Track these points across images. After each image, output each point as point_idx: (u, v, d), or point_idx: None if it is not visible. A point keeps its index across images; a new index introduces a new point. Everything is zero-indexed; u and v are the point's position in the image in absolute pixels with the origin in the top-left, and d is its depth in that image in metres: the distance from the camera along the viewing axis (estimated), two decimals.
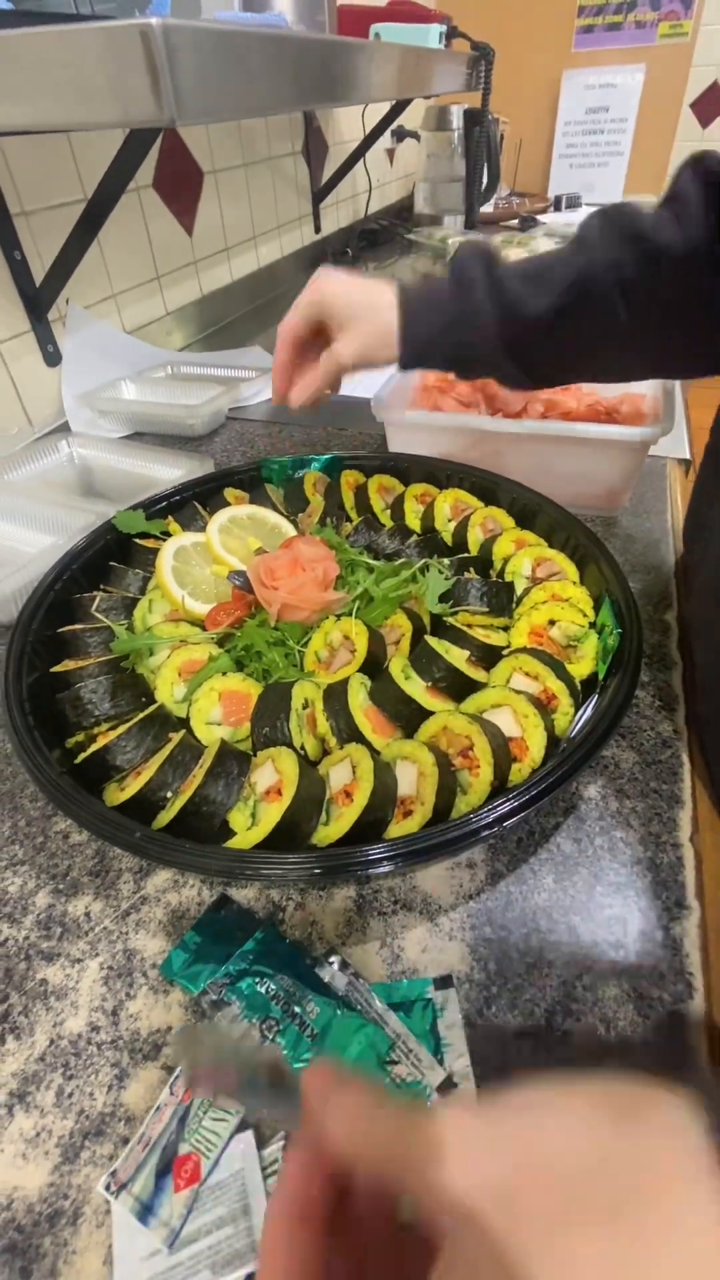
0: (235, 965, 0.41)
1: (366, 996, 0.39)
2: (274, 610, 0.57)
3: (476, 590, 0.60)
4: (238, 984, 0.40)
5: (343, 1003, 0.39)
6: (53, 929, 0.44)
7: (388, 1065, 0.36)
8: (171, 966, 0.41)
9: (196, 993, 0.40)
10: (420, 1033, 0.38)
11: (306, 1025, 0.37)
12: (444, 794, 0.44)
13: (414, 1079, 0.35)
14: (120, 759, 0.49)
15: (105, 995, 0.41)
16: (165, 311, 1.34)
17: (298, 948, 0.42)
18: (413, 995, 0.39)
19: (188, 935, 0.43)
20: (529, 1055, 0.37)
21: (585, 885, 0.44)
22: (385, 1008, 0.38)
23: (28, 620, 0.58)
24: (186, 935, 0.43)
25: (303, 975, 0.40)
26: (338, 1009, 0.38)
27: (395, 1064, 0.36)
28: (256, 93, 0.73)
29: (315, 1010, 0.38)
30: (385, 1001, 0.39)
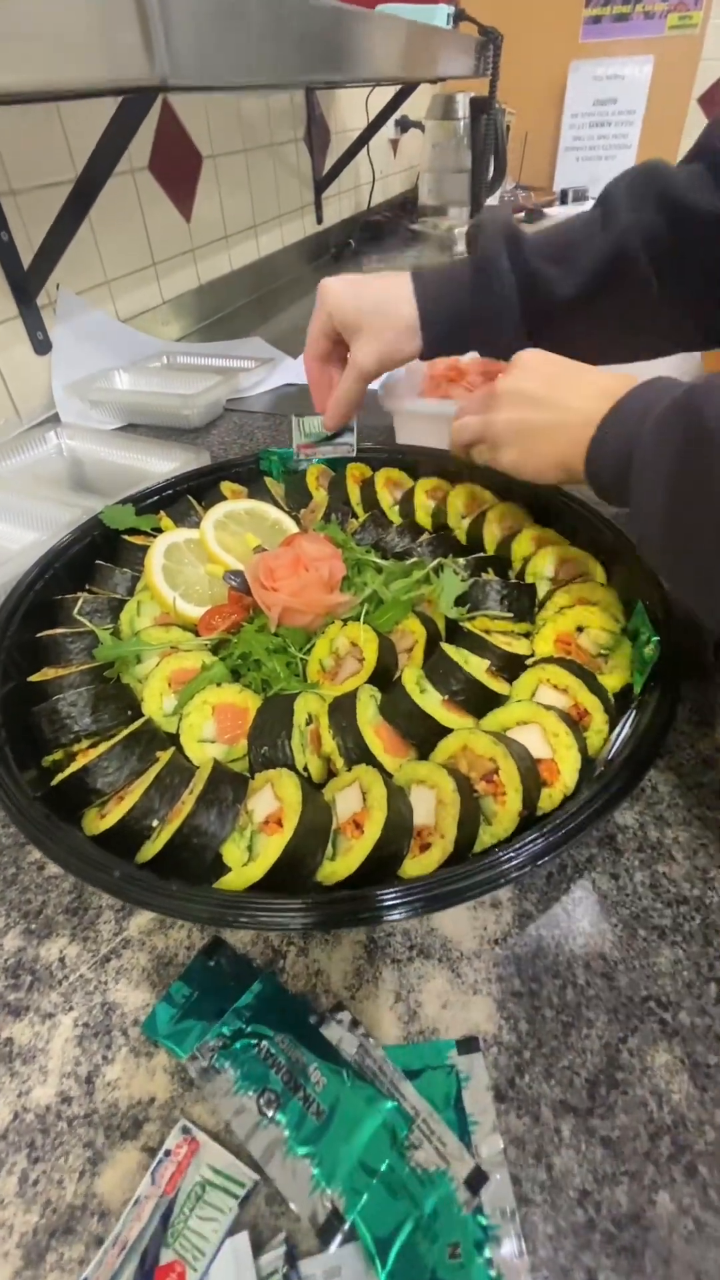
0: (229, 1024, 0.35)
1: (380, 1062, 0.34)
2: (274, 614, 0.52)
3: (496, 593, 0.55)
4: (231, 1046, 0.34)
5: (352, 1070, 0.33)
6: (21, 977, 0.39)
7: (406, 1150, 0.31)
8: (156, 1024, 0.36)
9: (184, 1057, 0.35)
10: (442, 1107, 0.32)
11: (311, 1100, 0.32)
12: (466, 825, 0.38)
13: (437, 1168, 0.30)
14: (101, 781, 0.43)
15: (79, 1059, 0.35)
16: (161, 300, 1.29)
17: (300, 1002, 0.36)
18: (433, 1061, 0.34)
19: (174, 987, 0.37)
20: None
21: (626, 929, 0.39)
22: (401, 1076, 0.33)
23: (4, 624, 0.53)
24: (173, 987, 0.37)
25: (306, 1036, 0.35)
26: (347, 1078, 0.33)
27: (415, 1148, 0.31)
28: (256, 58, 0.68)
29: (322, 1081, 0.33)
30: (401, 1068, 0.34)
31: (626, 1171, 0.31)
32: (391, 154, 2.25)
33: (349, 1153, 0.31)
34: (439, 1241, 0.28)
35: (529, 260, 0.57)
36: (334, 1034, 0.35)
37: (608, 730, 0.44)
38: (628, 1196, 0.30)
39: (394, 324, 0.59)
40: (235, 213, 1.48)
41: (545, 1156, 0.31)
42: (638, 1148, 0.31)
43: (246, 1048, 0.34)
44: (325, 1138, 0.31)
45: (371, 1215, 0.29)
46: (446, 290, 0.59)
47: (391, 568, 0.59)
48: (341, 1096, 0.32)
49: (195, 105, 1.27)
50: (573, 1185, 0.31)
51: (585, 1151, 0.31)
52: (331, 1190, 0.30)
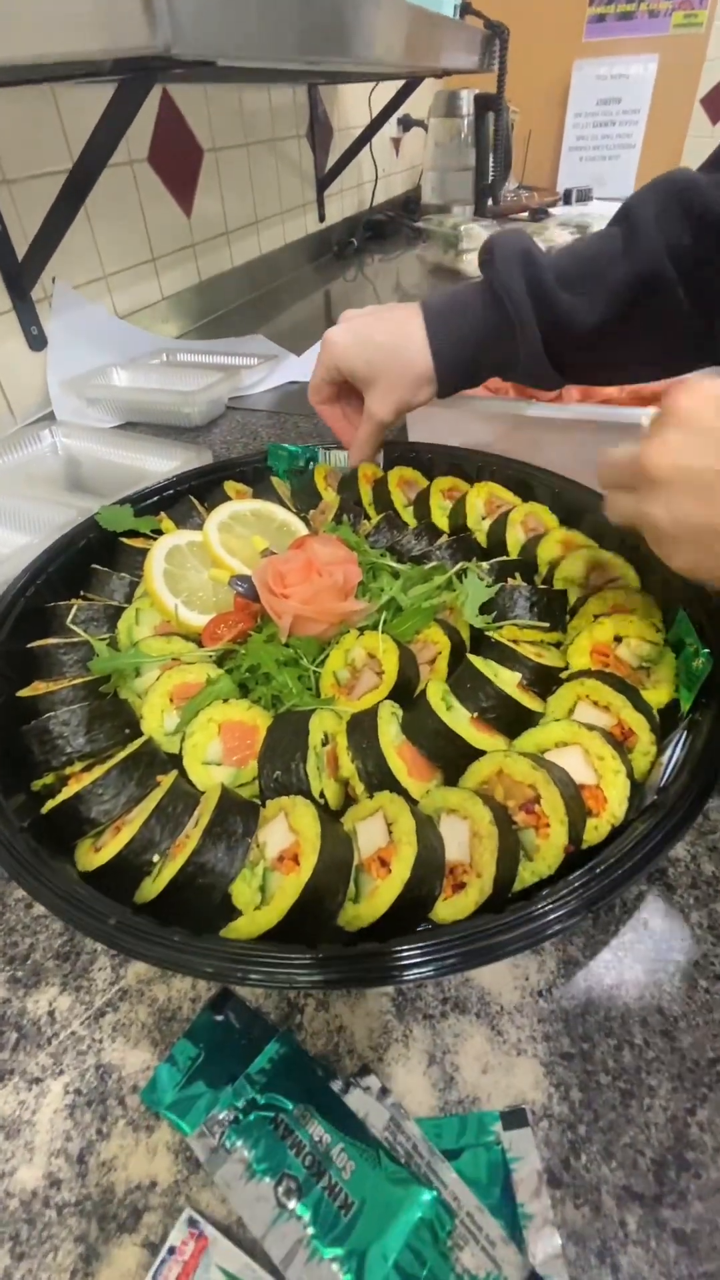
0: (241, 1094, 0.31)
1: (414, 1140, 0.29)
2: (285, 623, 0.48)
3: (525, 599, 0.51)
4: (244, 1120, 0.30)
5: (384, 1150, 0.29)
6: (6, 1034, 0.34)
7: (449, 1250, 0.26)
8: (157, 1091, 0.32)
9: (190, 1133, 0.30)
10: (488, 1195, 0.28)
11: (338, 1190, 0.28)
12: (506, 862, 0.34)
13: (488, 1273, 0.26)
14: (96, 809, 0.39)
15: (70, 1133, 0.31)
16: (161, 296, 1.25)
17: (322, 1066, 0.32)
18: (475, 1137, 0.30)
19: (178, 1046, 0.33)
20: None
21: (684, 979, 0.35)
22: (440, 1157, 0.29)
23: None
24: (176, 1046, 0.33)
25: (330, 1108, 0.30)
26: (379, 1160, 0.29)
27: (459, 1248, 0.27)
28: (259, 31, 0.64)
29: (349, 1166, 0.28)
30: (439, 1147, 0.29)
31: (705, 1274, 0.27)
32: (394, 153, 2.22)
33: (383, 1254, 0.26)
34: None
35: (548, 289, 0.52)
36: (360, 1104, 0.31)
37: (655, 752, 0.40)
38: None
39: (408, 373, 0.56)
40: (236, 209, 1.44)
41: (610, 1255, 0.27)
42: (716, 1243, 0.27)
43: (261, 1122, 0.30)
44: (355, 1235, 0.27)
45: None
46: (462, 328, 0.55)
47: (410, 572, 0.54)
48: (372, 1185, 0.28)
49: (196, 97, 1.23)
50: None
51: (656, 1249, 0.27)
52: None
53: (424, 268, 1.70)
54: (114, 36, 0.53)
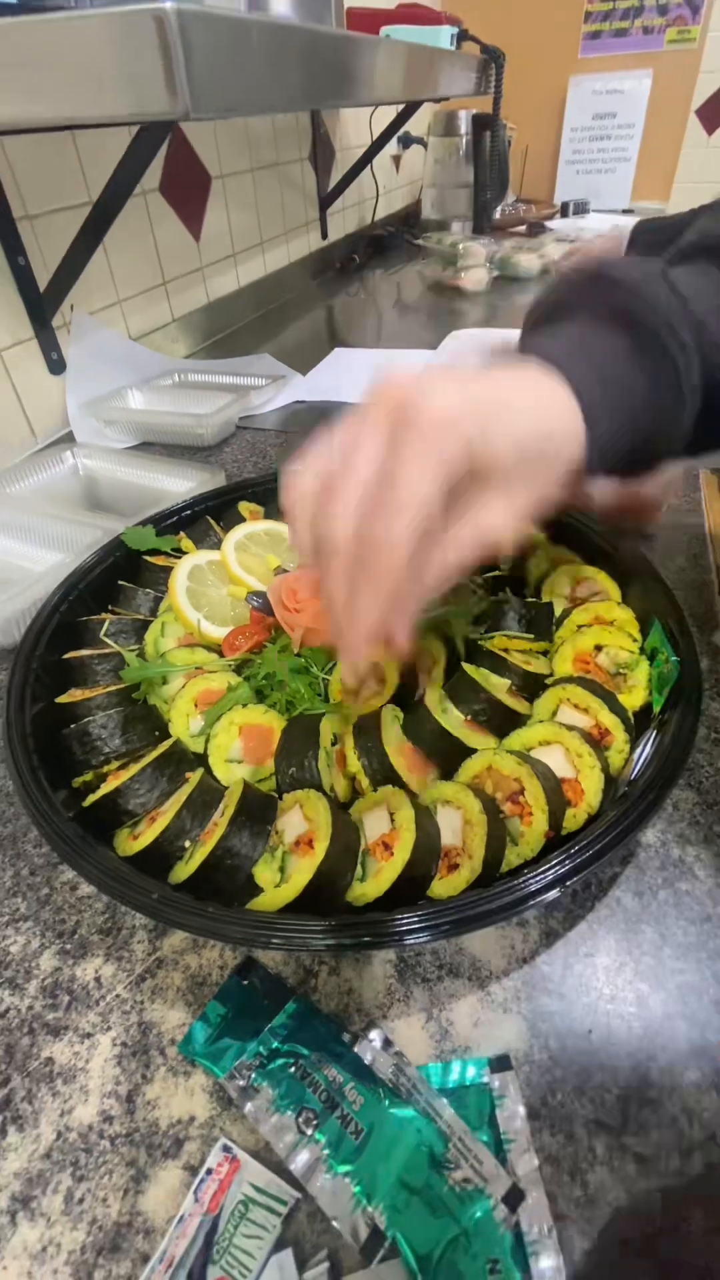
0: (264, 1044, 0.36)
1: (414, 1081, 0.34)
2: (297, 636, 0.53)
3: (514, 613, 0.56)
4: (268, 1065, 0.35)
5: (388, 1089, 0.34)
6: (59, 997, 0.40)
7: (444, 1168, 0.31)
8: (192, 1043, 0.37)
9: (222, 1076, 0.35)
10: (477, 1125, 0.33)
11: (349, 1119, 0.33)
12: (494, 846, 0.39)
13: (475, 1186, 0.31)
14: (133, 802, 0.44)
15: (119, 1078, 0.36)
16: (171, 318, 1.30)
17: (334, 1022, 0.37)
18: (466, 1079, 0.35)
19: (210, 1006, 0.38)
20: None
21: (652, 947, 0.40)
22: (436, 1095, 0.34)
23: (31, 646, 0.54)
24: (209, 1006, 0.38)
25: (341, 1055, 0.35)
26: (383, 1096, 0.34)
27: (453, 1167, 0.32)
28: (270, 86, 0.70)
29: (359, 1100, 0.33)
30: (436, 1086, 0.34)
31: (660, 1187, 0.31)
32: (394, 170, 2.28)
33: (388, 1171, 0.31)
34: (479, 1258, 0.29)
35: (714, 330, 0.37)
36: (367, 1053, 0.36)
37: (629, 750, 0.45)
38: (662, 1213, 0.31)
39: (561, 456, 0.35)
40: (242, 231, 1.50)
41: (580, 1173, 0.32)
42: (670, 1164, 0.32)
43: (283, 1067, 0.35)
44: (364, 1156, 0.32)
45: (412, 1232, 0.30)
46: (622, 382, 0.37)
47: None
48: (379, 1115, 0.33)
49: (204, 128, 1.29)
50: (607, 1201, 0.31)
51: (619, 1168, 0.32)
52: (372, 1208, 0.30)
53: (424, 283, 1.75)
54: (138, 102, 0.58)
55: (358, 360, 1.28)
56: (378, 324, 1.57)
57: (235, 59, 0.63)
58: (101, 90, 0.58)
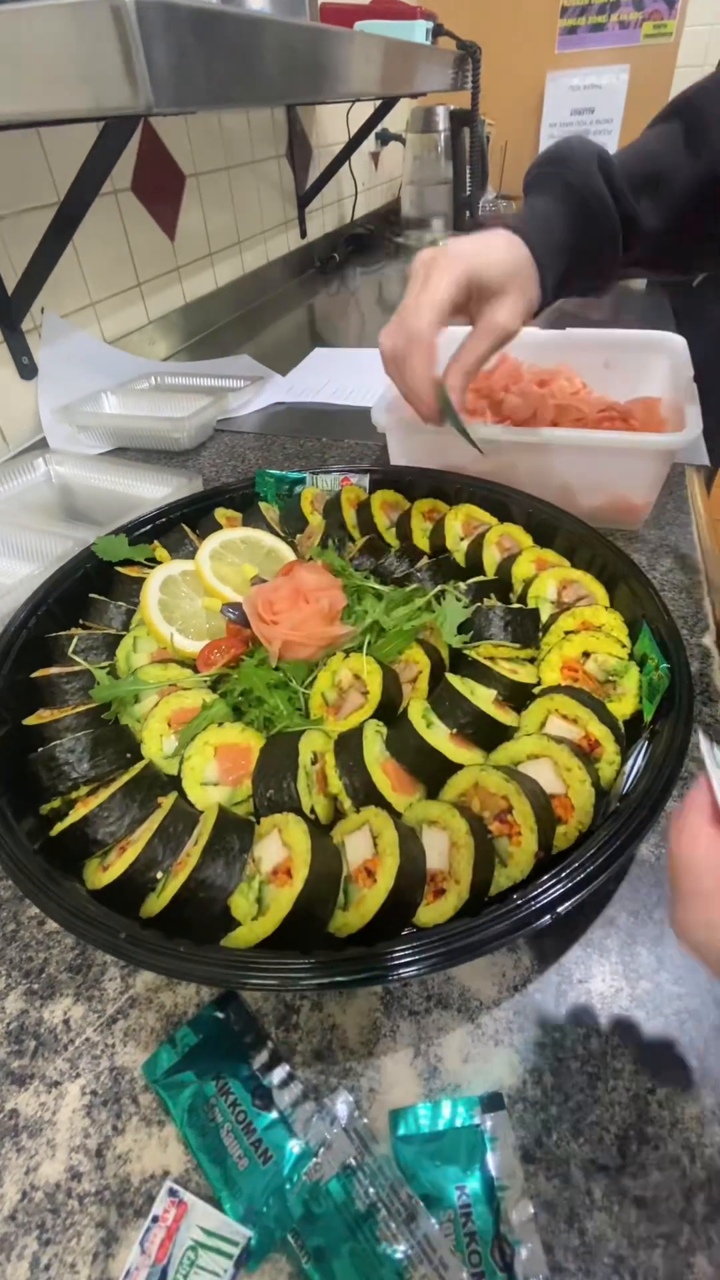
0: (223, 1094, 0.34)
1: (389, 1188, 0.31)
2: (275, 648, 0.51)
3: (499, 619, 0.54)
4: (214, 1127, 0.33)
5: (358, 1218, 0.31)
6: (25, 1042, 0.37)
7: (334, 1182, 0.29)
8: (156, 1066, 0.35)
9: (175, 1113, 0.33)
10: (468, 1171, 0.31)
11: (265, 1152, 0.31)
12: (482, 869, 0.37)
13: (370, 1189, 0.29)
14: (102, 831, 0.42)
15: (88, 1130, 0.34)
16: (147, 320, 1.28)
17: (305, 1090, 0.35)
18: (456, 1120, 0.33)
19: (181, 1031, 0.36)
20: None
21: (648, 970, 0.38)
22: (410, 1204, 0.31)
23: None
24: (180, 1031, 0.36)
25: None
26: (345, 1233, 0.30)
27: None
28: (238, 80, 0.67)
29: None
30: (424, 1131, 0.33)
31: (662, 1234, 0.30)
32: (373, 167, 2.26)
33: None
34: None
35: (621, 190, 0.55)
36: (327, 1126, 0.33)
37: (620, 761, 0.44)
38: (664, 1260, 0.29)
39: (530, 282, 0.56)
40: (219, 230, 1.47)
41: (578, 1220, 0.30)
42: (672, 1207, 0.30)
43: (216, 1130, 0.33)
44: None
45: None
46: (554, 236, 0.56)
47: (392, 595, 0.58)
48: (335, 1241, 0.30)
49: (177, 125, 1.27)
50: (607, 1251, 0.29)
51: (619, 1214, 0.30)
52: None
53: (405, 282, 1.73)
54: (98, 97, 0.56)
55: (338, 361, 1.26)
56: (359, 323, 1.55)
57: (200, 51, 0.61)
58: (59, 85, 0.56)
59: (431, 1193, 0.31)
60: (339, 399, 1.09)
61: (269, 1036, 0.36)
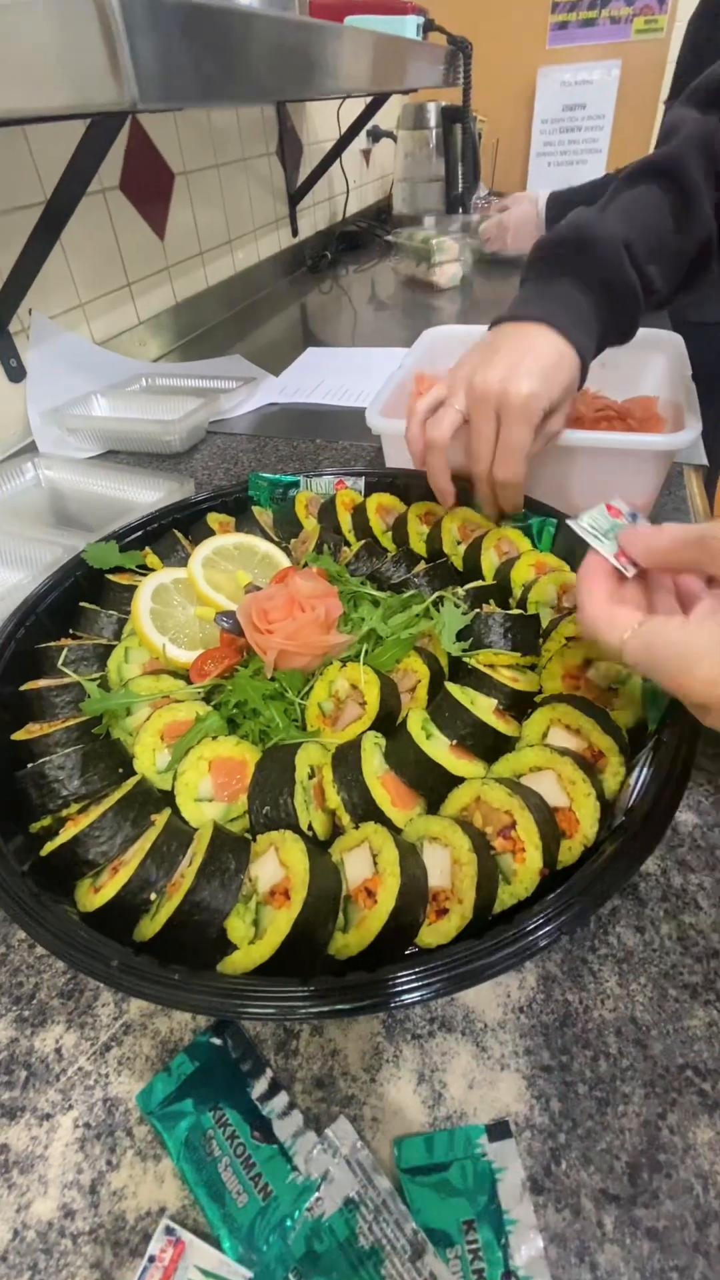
0: (220, 1125, 0.33)
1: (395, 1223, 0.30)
2: (270, 658, 0.50)
3: (499, 625, 0.53)
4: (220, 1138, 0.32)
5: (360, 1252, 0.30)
6: (15, 1073, 0.36)
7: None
8: (150, 1097, 0.34)
9: (171, 1145, 0.32)
10: (474, 1203, 0.30)
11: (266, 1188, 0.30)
12: (485, 887, 0.36)
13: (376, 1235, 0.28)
14: (94, 851, 0.41)
15: (81, 1165, 0.33)
16: (138, 320, 1.26)
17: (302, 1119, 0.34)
18: (462, 1151, 0.32)
19: (177, 1059, 0.35)
20: None
21: (656, 989, 0.37)
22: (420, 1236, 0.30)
23: None
24: (176, 1059, 0.35)
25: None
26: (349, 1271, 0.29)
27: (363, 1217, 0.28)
28: (226, 76, 0.66)
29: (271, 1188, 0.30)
30: (429, 1161, 0.31)
31: (676, 1267, 0.29)
32: (365, 164, 2.24)
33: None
34: None
35: (643, 269, 0.57)
36: (330, 1160, 0.32)
37: (625, 773, 0.43)
38: None
39: (576, 378, 0.58)
40: (210, 229, 1.46)
41: (588, 1254, 0.29)
42: (686, 1238, 0.29)
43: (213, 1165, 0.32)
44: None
45: None
46: (591, 324, 0.58)
47: (389, 601, 0.56)
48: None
49: (165, 122, 1.25)
50: None
51: (631, 1246, 0.29)
52: None
53: (397, 280, 1.72)
54: (82, 93, 0.54)
55: (331, 360, 1.25)
56: (351, 321, 1.54)
57: (187, 46, 0.59)
58: (41, 81, 0.54)
59: (437, 1227, 0.30)
60: (332, 399, 1.08)
61: (268, 1063, 0.35)
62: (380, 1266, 0.29)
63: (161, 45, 0.55)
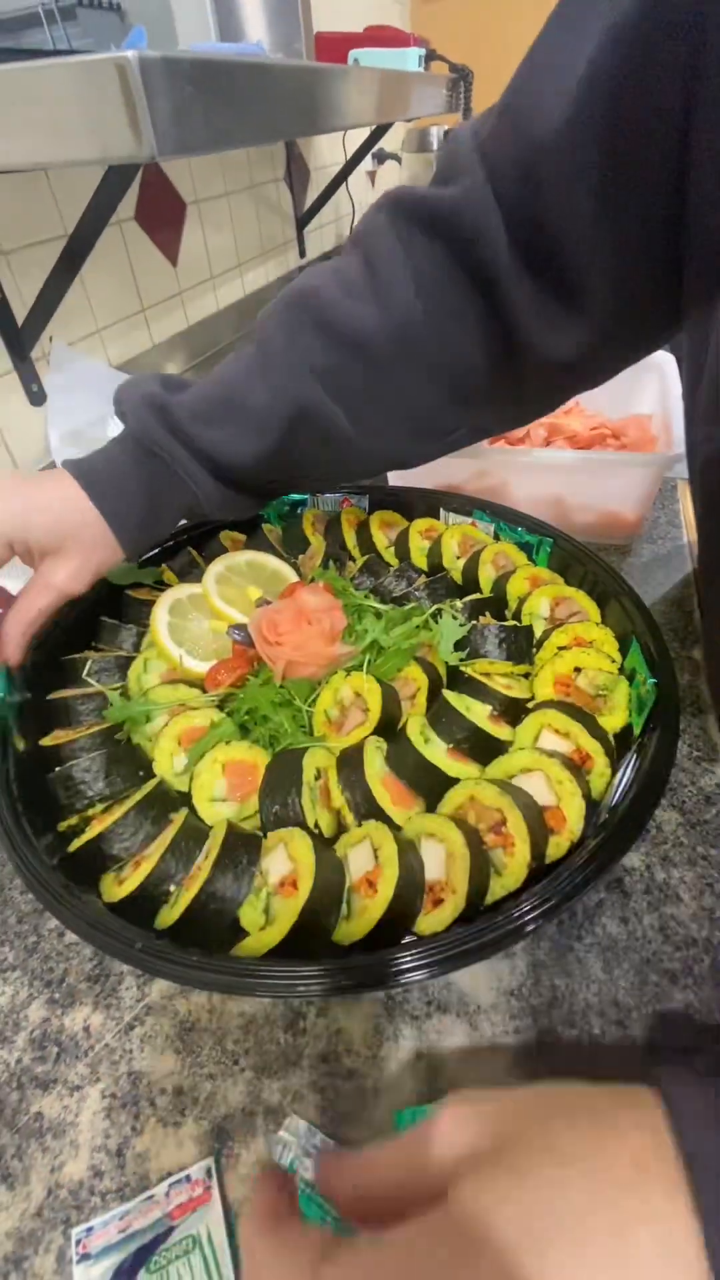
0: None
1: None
2: (279, 668, 0.53)
3: (494, 637, 0.56)
4: None
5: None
6: (48, 1049, 0.39)
7: None
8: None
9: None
10: None
11: None
12: (477, 879, 0.39)
13: None
14: (118, 847, 0.44)
15: (108, 1130, 0.36)
16: (152, 344, 1.31)
17: None
18: None
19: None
20: None
21: (638, 975, 0.40)
22: None
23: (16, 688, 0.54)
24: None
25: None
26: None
27: None
28: (238, 124, 0.71)
29: None
30: None
31: None
32: (370, 185, 2.30)
33: None
34: None
35: (185, 429, 0.50)
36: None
37: (610, 774, 0.46)
38: None
39: (98, 539, 0.51)
40: (220, 254, 1.51)
41: None
42: None
43: None
44: None
45: None
46: (125, 485, 0.51)
47: (391, 613, 0.60)
48: None
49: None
50: None
51: None
52: None
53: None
54: (104, 147, 0.59)
55: None
56: None
57: (200, 100, 0.64)
58: (69, 136, 0.59)
59: None
60: None
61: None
62: None
63: (177, 102, 0.60)
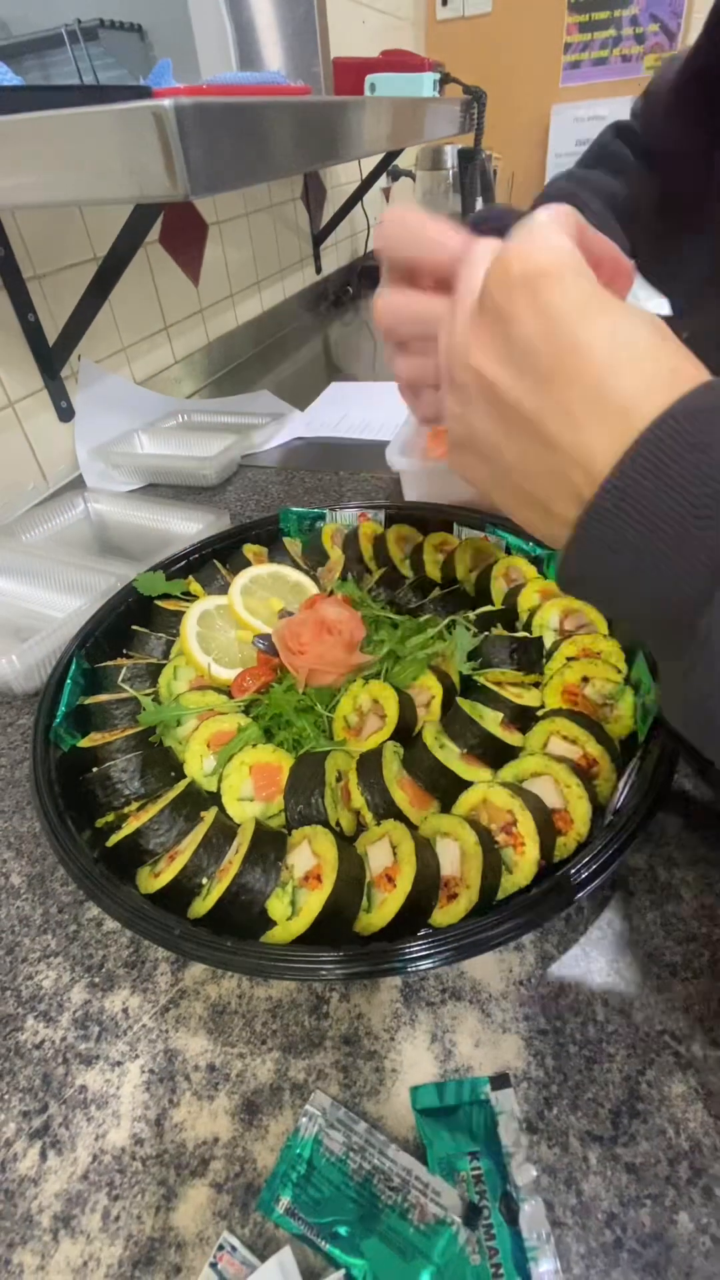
0: None
1: (365, 1135, 0.35)
2: (301, 676, 0.57)
3: (505, 647, 0.59)
4: None
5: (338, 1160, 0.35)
6: (90, 1028, 0.43)
7: (406, 1214, 0.33)
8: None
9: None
10: (479, 1140, 0.36)
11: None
12: (490, 876, 0.42)
13: (438, 1219, 0.33)
14: (153, 842, 0.48)
15: (147, 1103, 0.39)
16: (174, 360, 1.36)
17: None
18: (468, 1097, 0.37)
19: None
20: None
21: (641, 968, 0.42)
22: (387, 1143, 0.35)
23: (54, 692, 0.58)
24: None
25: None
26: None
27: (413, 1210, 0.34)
28: (264, 161, 0.75)
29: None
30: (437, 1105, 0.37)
31: (649, 1195, 0.34)
32: (385, 201, 2.35)
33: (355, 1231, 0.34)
34: None
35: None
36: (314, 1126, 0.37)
37: (615, 778, 0.48)
38: (651, 1217, 0.33)
39: None
40: (239, 271, 1.56)
41: (575, 1182, 0.35)
42: (659, 1172, 0.35)
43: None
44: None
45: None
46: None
47: (407, 624, 0.63)
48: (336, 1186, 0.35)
49: None
50: (601, 1209, 0.34)
51: (611, 1177, 0.35)
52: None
53: None
54: (141, 187, 0.63)
55: (353, 395, 1.33)
56: (373, 354, 1.62)
57: (229, 141, 0.68)
58: (109, 177, 0.63)
59: (446, 1158, 0.35)
60: (355, 433, 1.16)
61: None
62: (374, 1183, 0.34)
63: (208, 144, 0.64)
